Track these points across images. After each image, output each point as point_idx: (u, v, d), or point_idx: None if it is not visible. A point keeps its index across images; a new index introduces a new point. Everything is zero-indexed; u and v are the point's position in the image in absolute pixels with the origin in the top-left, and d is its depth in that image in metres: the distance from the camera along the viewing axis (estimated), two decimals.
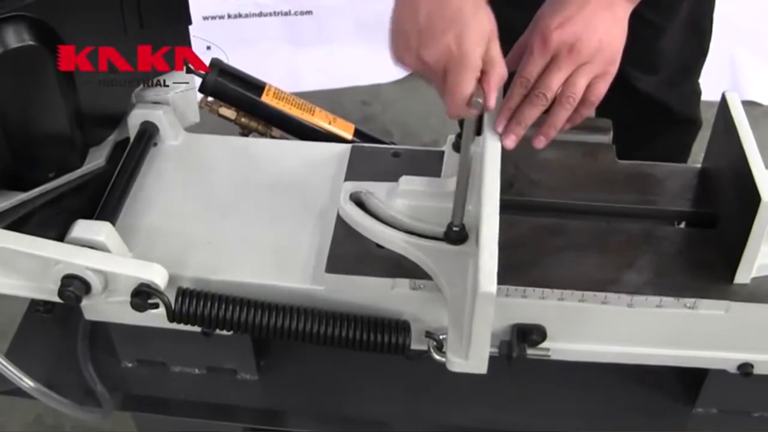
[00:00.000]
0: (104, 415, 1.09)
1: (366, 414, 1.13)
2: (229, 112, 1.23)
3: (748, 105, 2.46)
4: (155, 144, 1.16)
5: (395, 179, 1.07)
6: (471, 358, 0.91)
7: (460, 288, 0.94)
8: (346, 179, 1.09)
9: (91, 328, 1.16)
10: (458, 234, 0.97)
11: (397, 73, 2.41)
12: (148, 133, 1.14)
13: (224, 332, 0.99)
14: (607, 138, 1.15)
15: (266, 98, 1.22)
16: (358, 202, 1.04)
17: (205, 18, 2.25)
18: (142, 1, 1.05)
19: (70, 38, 1.00)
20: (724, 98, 1.04)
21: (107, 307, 1.02)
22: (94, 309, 1.05)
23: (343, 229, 1.03)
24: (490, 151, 0.97)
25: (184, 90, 1.16)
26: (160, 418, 1.15)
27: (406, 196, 1.03)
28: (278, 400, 1.14)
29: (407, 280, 0.98)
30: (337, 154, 1.14)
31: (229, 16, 2.31)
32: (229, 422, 1.14)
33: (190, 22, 1.12)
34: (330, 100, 2.16)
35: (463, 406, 1.13)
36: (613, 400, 1.13)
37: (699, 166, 1.12)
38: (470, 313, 0.87)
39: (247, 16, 2.32)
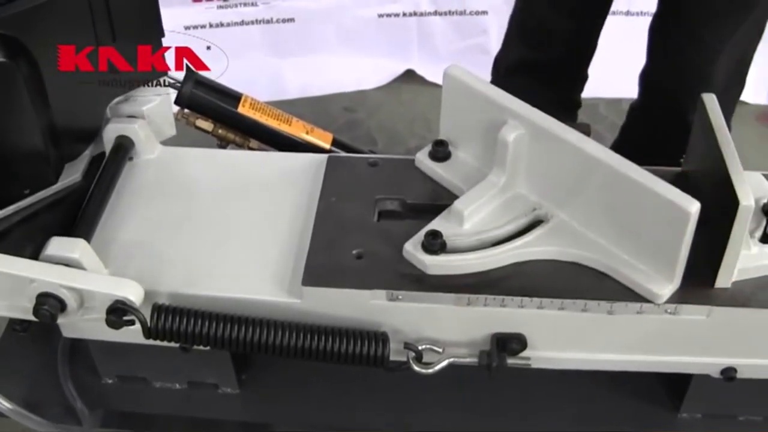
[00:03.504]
0: None
1: (350, 425, 1.12)
2: (206, 124, 1.22)
3: (739, 105, 2.42)
4: (131, 158, 1.15)
5: (373, 188, 1.08)
6: (676, 278, 0.94)
7: (636, 225, 0.94)
8: (323, 190, 1.08)
9: (72, 344, 1.15)
10: None
11: (381, 79, 2.40)
12: (124, 147, 1.13)
13: (202, 347, 0.99)
14: None
15: (242, 109, 1.21)
16: (432, 250, 0.98)
17: (187, 27, 2.24)
18: (113, 15, 1.04)
19: (42, 54, 0.99)
20: (701, 100, 1.03)
21: (85, 324, 1.01)
22: (71, 326, 1.04)
23: (319, 241, 1.01)
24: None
25: (158, 103, 1.15)
26: None
27: (473, 215, 1.01)
28: (260, 413, 1.13)
29: (384, 291, 0.97)
30: (313, 164, 1.13)
31: (211, 26, 2.30)
32: None
33: (162, 35, 1.11)
34: (314, 107, 2.15)
35: (448, 415, 1.13)
36: (598, 407, 1.12)
37: (680, 169, 1.12)
38: (675, 235, 0.90)
39: (228, 25, 2.32)
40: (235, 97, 1.22)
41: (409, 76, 2.36)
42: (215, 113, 1.21)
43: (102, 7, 1.04)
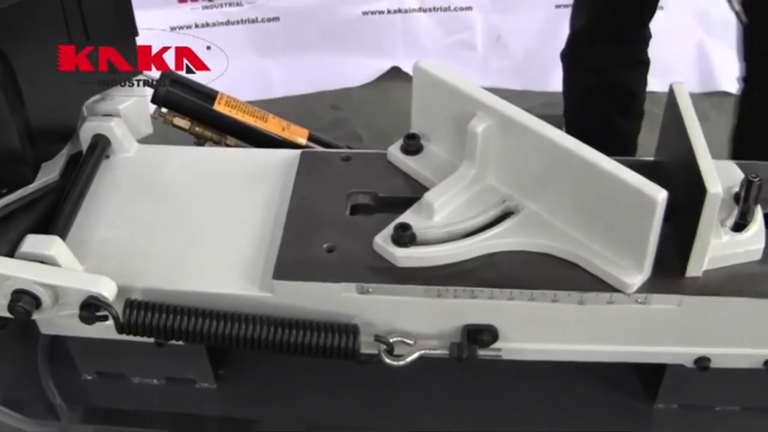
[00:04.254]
0: (61, 428, 1.09)
1: (328, 421, 1.13)
2: (183, 123, 1.23)
3: (721, 95, 2.45)
4: (107, 156, 1.15)
5: (346, 183, 1.08)
6: (646, 267, 0.94)
7: (604, 215, 0.94)
8: (295, 184, 1.08)
9: (52, 341, 1.16)
10: None
11: (367, 76, 2.42)
12: (100, 145, 1.13)
13: (177, 342, 0.99)
14: None
15: (218, 107, 1.22)
16: (401, 243, 0.98)
17: (173, 28, 2.25)
18: (86, 14, 1.05)
19: (16, 54, 1.00)
20: (671, 90, 1.04)
21: (62, 321, 1.02)
22: (49, 323, 1.05)
23: (291, 236, 1.02)
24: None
25: (135, 101, 1.15)
26: (121, 430, 1.15)
27: (443, 207, 1.02)
28: (237, 408, 1.14)
29: (354, 284, 0.97)
30: (287, 160, 1.13)
31: (197, 26, 2.31)
32: None
33: (136, 34, 1.11)
34: (300, 105, 2.17)
35: (428, 409, 1.13)
36: (573, 398, 1.13)
37: (652, 159, 1.12)
38: (644, 223, 0.90)
39: (214, 25, 2.33)
40: (211, 95, 1.22)
41: (395, 73, 2.38)
42: (191, 111, 1.22)
43: (74, 6, 1.04)
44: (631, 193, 0.90)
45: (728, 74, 2.47)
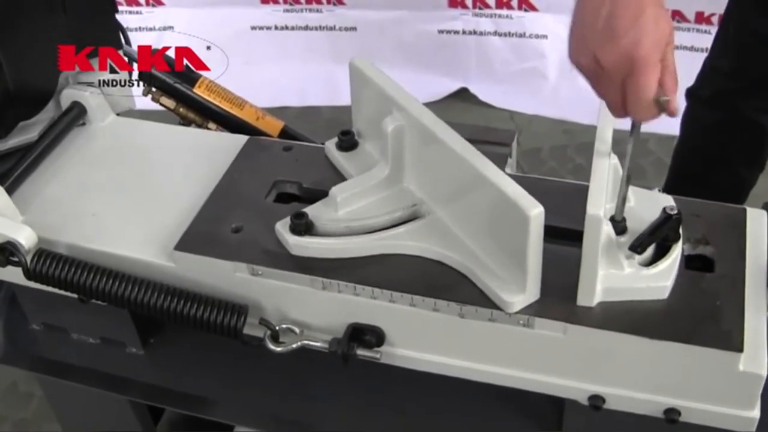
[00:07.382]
0: None
1: (241, 404, 1.15)
2: (169, 102, 1.29)
3: None
4: (83, 124, 1.23)
5: (276, 170, 1.10)
6: (529, 287, 0.91)
7: (492, 229, 0.93)
8: (230, 167, 1.11)
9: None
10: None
11: (434, 94, 2.39)
12: (74, 112, 1.21)
13: (99, 302, 1.04)
14: (506, 150, 1.13)
15: (198, 90, 1.27)
16: (296, 231, 0.99)
17: (253, 28, 2.34)
18: None
19: None
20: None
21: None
22: None
23: (206, 213, 1.05)
24: None
25: (116, 75, 1.22)
26: (59, 382, 1.22)
27: (348, 203, 1.02)
28: (158, 377, 1.17)
29: (246, 264, 0.99)
30: (236, 145, 1.16)
31: (276, 28, 2.39)
32: (114, 393, 1.18)
33: (116, 11, 1.18)
34: None
35: (326, 407, 1.12)
36: (479, 422, 1.08)
37: None
38: (522, 240, 0.87)
39: (293, 29, 2.39)
40: (192, 78, 1.28)
41: (463, 94, 2.36)
42: (172, 90, 1.27)
43: None
44: (510, 206, 0.87)
45: None
